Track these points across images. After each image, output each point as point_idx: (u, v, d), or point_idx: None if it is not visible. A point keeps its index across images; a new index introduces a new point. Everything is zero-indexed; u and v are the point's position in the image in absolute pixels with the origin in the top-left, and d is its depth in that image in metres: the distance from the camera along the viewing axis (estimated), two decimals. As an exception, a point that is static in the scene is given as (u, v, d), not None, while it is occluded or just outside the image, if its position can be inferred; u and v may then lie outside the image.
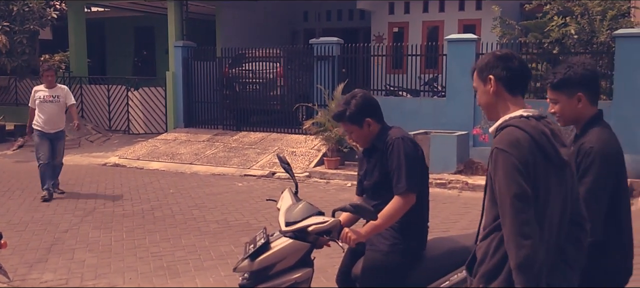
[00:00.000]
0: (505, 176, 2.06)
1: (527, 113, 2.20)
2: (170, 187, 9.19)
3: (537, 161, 2.07)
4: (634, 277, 2.73)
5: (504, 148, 2.09)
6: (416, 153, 2.96)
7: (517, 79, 2.25)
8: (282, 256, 2.99)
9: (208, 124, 13.32)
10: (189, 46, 13.56)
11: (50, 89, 8.17)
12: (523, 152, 2.06)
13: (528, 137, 2.08)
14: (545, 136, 2.11)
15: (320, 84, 11.57)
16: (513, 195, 2.03)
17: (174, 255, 5.79)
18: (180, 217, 7.28)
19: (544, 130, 2.13)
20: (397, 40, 14.60)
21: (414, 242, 2.99)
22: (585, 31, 10.10)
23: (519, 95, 2.27)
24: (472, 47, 10.59)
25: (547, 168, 2.09)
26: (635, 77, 9.10)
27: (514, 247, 2.01)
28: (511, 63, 2.24)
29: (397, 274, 2.95)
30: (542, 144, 2.09)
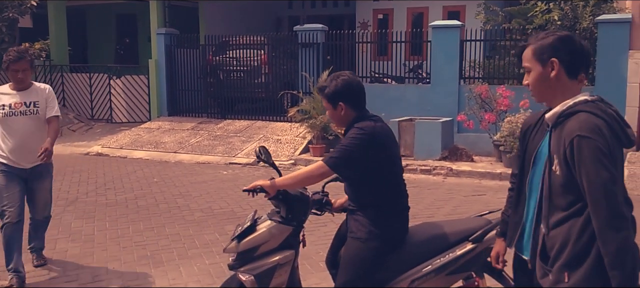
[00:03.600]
0: (594, 162, 2.02)
1: (591, 98, 2.17)
2: (154, 176, 9.11)
3: (614, 144, 2.07)
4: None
5: (588, 135, 2.04)
6: (363, 141, 2.92)
7: (579, 63, 2.20)
8: (265, 238, 3.08)
9: (192, 112, 13.21)
10: (171, 33, 13.40)
11: (22, 92, 4.75)
12: (605, 138, 2.04)
13: (604, 123, 2.07)
14: (615, 119, 2.11)
15: (305, 71, 11.51)
16: (605, 181, 2.01)
17: (158, 244, 5.74)
18: (164, 206, 7.22)
19: (612, 113, 2.12)
20: (381, 27, 14.57)
21: (392, 228, 3.01)
22: (568, 17, 10.16)
23: (577, 81, 2.21)
24: (456, 33, 10.60)
25: (620, 151, 2.11)
26: (617, 62, 9.19)
27: (613, 231, 1.99)
28: (574, 46, 2.17)
29: (376, 260, 2.97)
30: (614, 128, 2.09)
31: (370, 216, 2.98)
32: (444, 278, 3.00)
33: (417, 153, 9.51)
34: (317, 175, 2.98)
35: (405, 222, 3.10)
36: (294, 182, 3.03)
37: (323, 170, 2.95)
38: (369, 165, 2.95)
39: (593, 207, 2.04)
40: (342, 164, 2.94)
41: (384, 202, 3.00)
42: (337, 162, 2.94)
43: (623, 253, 1.99)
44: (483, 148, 9.63)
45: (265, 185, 3.03)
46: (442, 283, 3.02)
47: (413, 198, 7.51)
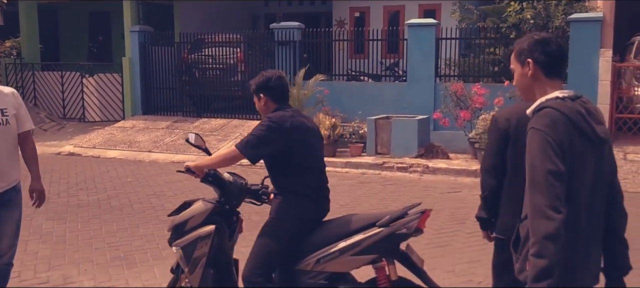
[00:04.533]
0: (540, 153, 2.11)
1: (563, 94, 2.23)
2: (127, 175, 8.97)
3: (574, 140, 2.13)
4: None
5: (540, 128, 2.14)
6: (270, 129, 3.25)
7: (555, 63, 2.28)
8: (191, 214, 3.46)
9: (167, 110, 13.05)
10: (145, 31, 13.22)
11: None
12: (558, 132, 2.12)
13: (564, 118, 2.14)
14: (581, 115, 2.17)
15: (281, 69, 11.45)
16: (547, 171, 2.07)
17: (132, 244, 5.65)
18: (138, 206, 7.11)
19: (579, 109, 2.18)
20: (358, 25, 14.58)
21: (302, 210, 3.27)
22: (541, 16, 10.29)
23: (556, 78, 2.30)
24: (432, 31, 10.66)
25: (585, 147, 2.16)
26: (589, 60, 9.34)
27: (544, 218, 2.05)
28: (549, 47, 2.27)
29: (285, 238, 3.25)
30: (578, 123, 2.15)
31: (284, 198, 3.31)
32: (349, 259, 3.14)
33: (394, 151, 9.54)
34: (230, 158, 3.33)
35: (317, 206, 3.35)
36: (212, 163, 3.38)
37: (234, 154, 3.28)
38: (278, 152, 3.28)
39: (531, 193, 2.11)
40: (249, 148, 3.26)
41: (296, 187, 3.29)
42: (245, 147, 3.25)
43: (548, 244, 2.03)
44: (459, 146, 9.71)
45: (192, 166, 3.38)
46: (348, 264, 3.17)
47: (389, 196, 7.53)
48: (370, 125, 9.82)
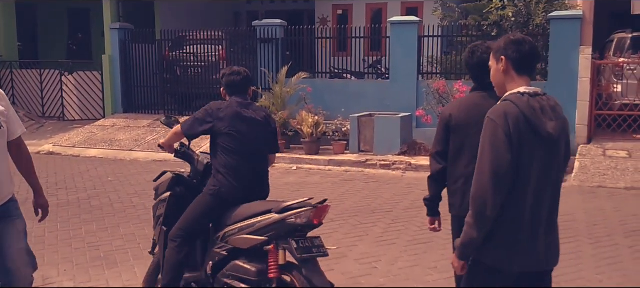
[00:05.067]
0: (490, 141, 2.33)
1: (525, 90, 2.40)
2: (108, 174, 8.85)
3: (524, 133, 2.33)
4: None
5: (493, 119, 2.35)
6: (203, 114, 3.82)
7: (526, 61, 2.46)
8: (160, 182, 4.17)
9: (148, 108, 12.92)
10: (126, 28, 13.06)
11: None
12: (508, 123, 2.31)
13: (517, 111, 2.33)
14: (534, 111, 2.34)
15: (264, 67, 11.40)
16: (493, 157, 2.30)
17: (112, 244, 5.58)
18: (119, 205, 7.02)
19: (534, 105, 2.36)
20: (341, 23, 14.57)
21: (223, 190, 3.71)
22: (521, 14, 10.38)
23: (526, 76, 2.47)
24: (414, 29, 10.69)
25: (534, 140, 2.34)
26: (569, 58, 9.43)
27: (485, 199, 2.30)
28: (522, 47, 2.45)
29: (207, 210, 3.78)
30: (530, 118, 2.33)
31: (213, 176, 3.79)
32: (245, 237, 3.56)
33: (377, 149, 9.55)
34: (176, 133, 3.92)
35: (239, 187, 3.74)
36: (167, 139, 4.02)
37: (178, 130, 3.88)
38: (209, 133, 3.79)
39: (477, 175, 2.34)
40: (186, 127, 3.83)
41: (221, 167, 3.74)
42: (184, 125, 3.85)
43: (484, 222, 2.30)
44: (441, 143, 9.72)
45: (162, 143, 4.07)
46: (244, 241, 3.58)
47: (372, 193, 7.54)
48: (353, 122, 9.82)
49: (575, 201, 7.02)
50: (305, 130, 9.67)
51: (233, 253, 3.66)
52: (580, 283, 4.54)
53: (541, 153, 2.36)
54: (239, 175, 3.73)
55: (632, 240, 5.51)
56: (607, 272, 4.74)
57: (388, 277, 4.72)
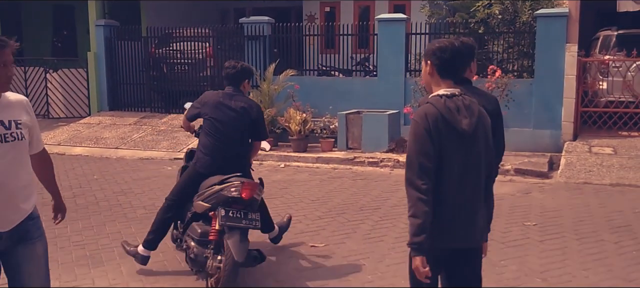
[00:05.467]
0: (413, 139, 2.69)
1: (444, 92, 2.73)
2: (93, 172, 8.76)
3: (442, 130, 2.66)
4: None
5: (416, 119, 2.71)
6: (196, 101, 4.81)
7: (447, 67, 2.74)
8: (184, 156, 5.24)
9: (134, 106, 12.81)
10: (111, 25, 12.94)
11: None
12: (427, 123, 2.66)
13: (436, 112, 2.67)
14: (450, 111, 2.67)
15: (251, 64, 11.35)
16: (417, 153, 2.65)
17: (98, 243, 5.52)
18: (104, 203, 6.95)
19: (450, 105, 2.69)
20: (329, 20, 14.54)
21: (200, 164, 4.60)
22: (508, 11, 10.43)
23: (449, 79, 2.76)
24: (402, 27, 10.70)
25: (452, 136, 2.67)
26: (555, 55, 9.49)
27: (414, 188, 2.65)
28: (444, 53, 2.73)
29: (190, 179, 4.66)
30: (447, 117, 2.66)
31: (196, 153, 4.72)
32: (198, 203, 4.35)
33: (365, 146, 9.55)
34: (183, 119, 5.01)
35: (213, 163, 4.53)
36: (182, 121, 5.07)
37: (184, 118, 4.96)
38: (198, 117, 4.74)
39: (406, 169, 2.70)
40: (186, 113, 4.87)
41: (200, 145, 4.66)
42: (186, 113, 4.89)
43: (419, 207, 2.62)
44: (429, 140, 9.74)
45: (182, 125, 5.20)
46: (198, 207, 4.36)
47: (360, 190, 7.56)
48: (341, 120, 9.81)
49: (562, 197, 7.07)
50: (293, 127, 9.64)
51: (194, 216, 4.49)
52: (567, 278, 4.56)
53: (460, 146, 2.69)
54: (213, 154, 4.54)
55: (617, 236, 5.56)
56: (593, 268, 4.78)
57: (376, 274, 4.71)
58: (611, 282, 4.50)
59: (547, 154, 9.15)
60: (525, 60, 10.36)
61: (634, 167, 8.10)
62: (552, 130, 9.54)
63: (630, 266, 4.80)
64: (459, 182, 2.71)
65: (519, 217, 6.19)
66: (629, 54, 9.40)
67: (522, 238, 5.53)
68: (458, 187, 2.71)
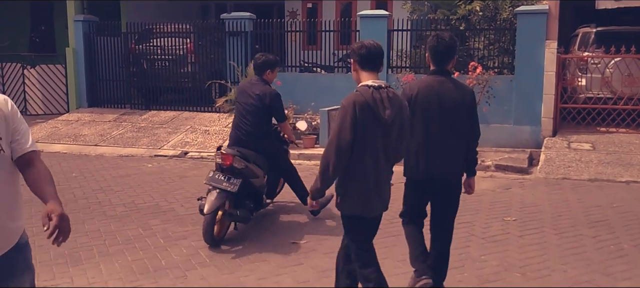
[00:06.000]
0: (340, 121, 3.19)
1: (372, 83, 3.26)
2: (72, 170, 8.64)
3: (366, 117, 3.19)
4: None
5: (345, 104, 3.20)
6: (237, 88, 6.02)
7: (367, 61, 3.33)
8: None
9: (114, 103, 12.65)
10: (90, 21, 12.75)
11: None
12: (355, 109, 3.16)
13: (362, 100, 3.18)
14: (375, 101, 3.20)
15: (233, 60, 11.28)
16: (339, 132, 3.17)
17: (76, 241, 5.43)
18: (83, 201, 6.85)
19: (376, 96, 3.21)
20: (311, 16, 14.50)
21: (230, 138, 5.86)
22: (489, 8, 10.49)
23: (371, 71, 3.33)
24: (384, 23, 10.70)
25: (374, 122, 3.20)
26: (535, 52, 9.58)
27: (328, 161, 3.21)
28: (360, 51, 3.33)
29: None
30: (371, 105, 3.18)
31: None
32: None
33: (347, 142, 9.53)
34: None
35: (234, 139, 5.74)
36: None
37: None
38: None
39: (328, 142, 3.26)
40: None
41: (232, 124, 5.87)
42: None
43: (326, 175, 3.26)
44: (410, 136, 9.76)
45: None
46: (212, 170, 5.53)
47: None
48: (323, 116, 9.79)
49: (541, 193, 7.14)
50: (274, 124, 9.60)
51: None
52: (546, 273, 4.61)
53: (380, 132, 3.24)
54: (233, 131, 5.68)
55: (595, 231, 5.63)
56: (572, 262, 4.83)
57: (358, 270, 4.71)
58: (589, 276, 4.56)
59: (527, 150, 9.23)
60: (505, 57, 10.44)
61: (612, 163, 8.22)
62: (532, 126, 9.63)
63: (608, 260, 4.87)
64: (375, 161, 3.27)
65: (500, 213, 6.24)
66: (608, 51, 9.52)
67: (502, 233, 5.58)
68: (374, 166, 3.28)
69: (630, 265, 4.77)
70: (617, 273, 4.60)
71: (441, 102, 3.78)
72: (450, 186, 3.93)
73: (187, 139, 10.43)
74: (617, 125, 9.71)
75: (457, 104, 3.81)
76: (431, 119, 3.80)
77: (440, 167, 3.85)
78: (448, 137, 3.81)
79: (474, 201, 6.58)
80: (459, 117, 3.82)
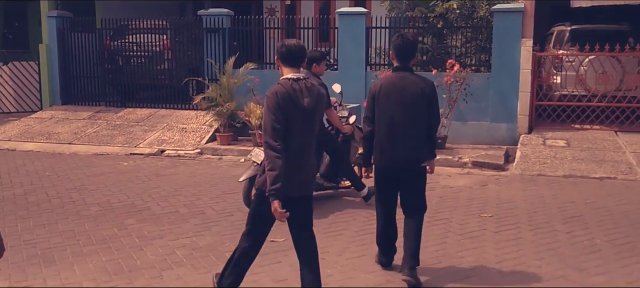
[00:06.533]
0: (267, 111, 3.56)
1: (292, 76, 3.65)
2: (45, 169, 8.48)
3: (288, 106, 3.55)
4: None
5: (268, 95, 3.59)
6: None
7: (285, 58, 3.70)
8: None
9: (89, 100, 12.44)
10: (64, 16, 12.52)
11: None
12: (278, 99, 3.54)
13: (283, 91, 3.57)
14: (295, 91, 3.59)
15: (210, 57, 11.18)
16: (271, 121, 3.52)
17: (50, 241, 5.33)
18: (57, 201, 6.72)
19: (295, 87, 3.60)
20: (289, 14, 14.45)
21: None
22: (466, 6, 10.56)
23: (291, 67, 3.70)
24: (362, 20, 10.71)
25: (295, 110, 3.57)
26: (511, 49, 9.67)
27: (270, 148, 3.49)
28: (281, 49, 3.71)
29: None
30: (292, 95, 3.57)
31: None
32: None
33: (325, 140, 9.52)
34: None
35: None
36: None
37: None
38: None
39: (263, 133, 3.57)
40: None
41: None
42: None
43: (271, 163, 3.47)
44: (389, 134, 9.78)
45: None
46: None
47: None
48: (301, 113, 9.76)
49: (516, 189, 7.21)
50: (253, 121, 9.53)
51: None
52: (521, 268, 4.66)
53: (301, 118, 3.60)
54: None
55: (569, 226, 5.71)
56: (546, 257, 4.89)
57: (335, 267, 4.70)
58: (564, 271, 4.62)
59: (504, 147, 9.33)
60: (482, 55, 10.53)
61: (585, 159, 8.34)
62: (508, 123, 9.73)
63: (582, 255, 4.94)
64: (300, 145, 3.62)
65: (476, 209, 6.29)
66: (582, 49, 9.66)
67: (479, 229, 5.62)
68: (299, 148, 3.62)
69: (604, 260, 4.85)
70: (591, 268, 4.66)
71: (402, 95, 4.27)
72: (412, 171, 4.38)
73: (163, 136, 10.31)
74: (591, 122, 9.86)
75: (417, 95, 4.26)
76: (393, 110, 4.29)
77: (402, 154, 4.31)
78: (409, 126, 4.27)
79: (451, 198, 6.62)
80: (419, 107, 4.28)
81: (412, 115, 4.27)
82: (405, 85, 4.29)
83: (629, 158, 8.34)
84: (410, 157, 4.31)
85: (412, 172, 4.37)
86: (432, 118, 4.36)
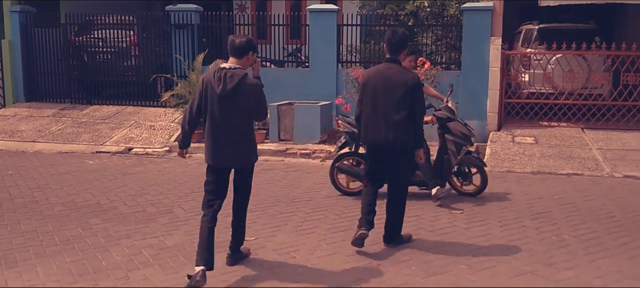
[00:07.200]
0: (196, 92, 4.32)
1: (222, 66, 4.26)
2: (8, 167, 8.21)
3: (209, 89, 4.24)
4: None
5: (203, 79, 4.27)
6: None
7: (230, 49, 4.30)
8: None
9: (53, 97, 12.12)
10: (27, 11, 12.16)
11: None
12: (203, 84, 4.26)
13: (208, 78, 4.24)
14: (217, 78, 4.20)
15: (179, 53, 11.00)
16: (191, 102, 4.35)
17: (12, 242, 5.15)
18: (19, 200, 6.51)
19: (218, 75, 4.20)
20: (260, 10, 14.30)
21: None
22: (436, 4, 10.63)
23: (233, 57, 4.31)
24: (333, 17, 10.67)
25: (214, 95, 4.22)
26: (481, 47, 9.77)
27: (184, 118, 4.44)
28: (229, 43, 4.32)
29: None
30: (211, 81, 4.22)
31: None
32: None
33: (297, 138, 9.47)
34: None
35: None
36: None
37: None
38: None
39: (185, 112, 4.48)
40: None
41: None
42: None
43: (182, 134, 4.50)
44: (360, 131, 9.78)
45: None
46: None
47: (292, 182, 7.48)
48: (273, 111, 9.68)
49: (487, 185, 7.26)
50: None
51: None
52: (491, 264, 4.68)
53: (219, 102, 4.21)
54: None
55: (538, 222, 5.77)
56: (516, 253, 4.93)
57: (306, 266, 4.65)
58: (532, 266, 4.66)
59: (474, 144, 9.41)
60: (453, 53, 10.61)
61: (553, 156, 8.48)
62: (478, 120, 9.82)
63: (551, 251, 4.99)
64: (219, 125, 4.24)
65: (447, 206, 6.31)
66: (549, 47, 9.80)
67: (449, 226, 5.64)
68: (217, 128, 4.25)
69: (572, 255, 4.91)
70: (559, 263, 4.72)
71: (387, 83, 4.81)
72: (395, 151, 4.87)
73: (131, 134, 10.10)
74: (559, 119, 10.03)
75: (400, 85, 4.76)
76: (378, 96, 4.83)
77: (383, 134, 4.82)
78: (391, 111, 4.78)
79: (421, 195, 6.63)
80: (401, 95, 4.76)
81: (394, 101, 4.76)
82: (390, 74, 4.82)
83: (595, 155, 8.50)
84: (392, 138, 4.78)
85: (395, 153, 4.87)
86: (415, 108, 4.80)
